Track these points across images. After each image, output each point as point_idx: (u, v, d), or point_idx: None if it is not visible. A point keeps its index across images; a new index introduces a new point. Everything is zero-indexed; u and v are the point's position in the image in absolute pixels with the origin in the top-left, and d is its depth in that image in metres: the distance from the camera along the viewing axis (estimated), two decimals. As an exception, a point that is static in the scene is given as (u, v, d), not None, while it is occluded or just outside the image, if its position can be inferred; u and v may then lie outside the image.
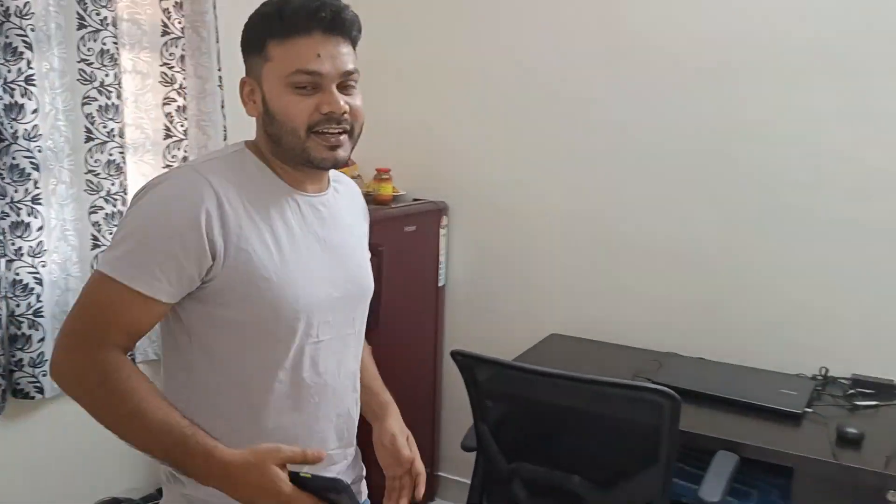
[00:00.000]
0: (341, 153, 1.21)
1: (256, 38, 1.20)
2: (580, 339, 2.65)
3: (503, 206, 2.80)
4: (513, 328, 2.77)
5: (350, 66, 1.19)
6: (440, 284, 2.86)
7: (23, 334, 1.99)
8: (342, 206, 1.34)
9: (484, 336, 2.79)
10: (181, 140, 2.40)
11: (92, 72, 2.13)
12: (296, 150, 1.19)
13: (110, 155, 2.19)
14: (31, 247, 1.99)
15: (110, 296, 1.11)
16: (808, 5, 2.28)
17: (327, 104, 1.16)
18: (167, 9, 2.31)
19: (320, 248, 1.25)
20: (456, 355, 1.79)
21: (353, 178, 2.58)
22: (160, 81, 2.36)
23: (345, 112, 1.18)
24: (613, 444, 1.72)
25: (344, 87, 1.19)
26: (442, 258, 2.85)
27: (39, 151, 1.97)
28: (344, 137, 1.20)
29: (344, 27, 1.18)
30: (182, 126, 2.41)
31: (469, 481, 2.00)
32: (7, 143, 1.92)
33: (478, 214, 2.85)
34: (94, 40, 2.12)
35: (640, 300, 2.60)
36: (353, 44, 1.22)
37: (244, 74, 1.24)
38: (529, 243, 2.77)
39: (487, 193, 2.82)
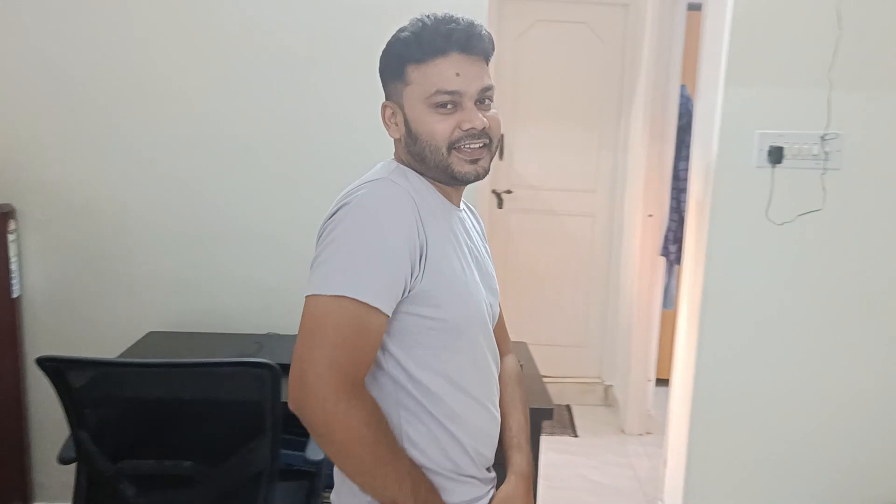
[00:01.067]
0: (483, 165, 1.25)
1: (396, 64, 1.24)
2: (180, 332, 2.62)
3: (83, 206, 2.63)
4: (107, 331, 2.64)
5: (487, 83, 1.24)
6: (14, 296, 2.59)
7: None
8: (471, 220, 1.40)
9: (75, 343, 2.61)
10: None
11: None
12: (440, 166, 1.24)
13: None
14: None
15: (358, 318, 1.10)
16: (360, 9, 2.55)
17: (468, 121, 1.21)
18: None
19: (472, 259, 1.30)
20: (44, 361, 1.67)
21: None
22: None
23: (484, 127, 1.23)
24: (222, 424, 1.77)
25: (481, 102, 1.24)
26: (13, 267, 2.58)
27: None
28: (484, 150, 1.24)
29: (478, 45, 1.22)
30: None
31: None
32: None
33: (55, 216, 2.62)
34: None
35: (238, 287, 2.67)
36: (487, 60, 1.26)
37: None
38: (117, 242, 2.65)
39: (64, 193, 2.61)
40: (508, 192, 3.97)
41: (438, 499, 1.21)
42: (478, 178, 1.26)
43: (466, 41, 1.21)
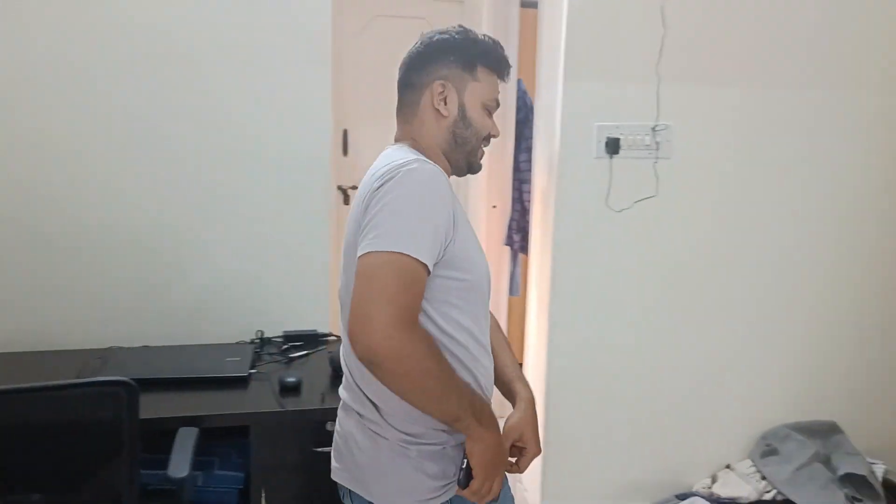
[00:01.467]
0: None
1: (469, 58, 1.46)
2: (7, 353, 2.40)
3: None
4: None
5: None
6: None
7: None
8: None
9: None
10: None
11: None
12: (470, 153, 1.50)
13: None
14: None
15: (410, 269, 1.24)
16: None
17: (494, 128, 1.52)
18: None
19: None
20: None
21: None
22: None
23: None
24: (73, 449, 1.64)
25: None
26: None
27: None
28: None
29: (506, 75, 1.52)
30: None
31: None
32: None
33: None
34: None
35: (73, 299, 2.47)
36: None
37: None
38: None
39: None
40: (354, 187, 3.93)
41: (488, 408, 1.38)
42: (478, 171, 1.55)
43: (506, 71, 1.51)
